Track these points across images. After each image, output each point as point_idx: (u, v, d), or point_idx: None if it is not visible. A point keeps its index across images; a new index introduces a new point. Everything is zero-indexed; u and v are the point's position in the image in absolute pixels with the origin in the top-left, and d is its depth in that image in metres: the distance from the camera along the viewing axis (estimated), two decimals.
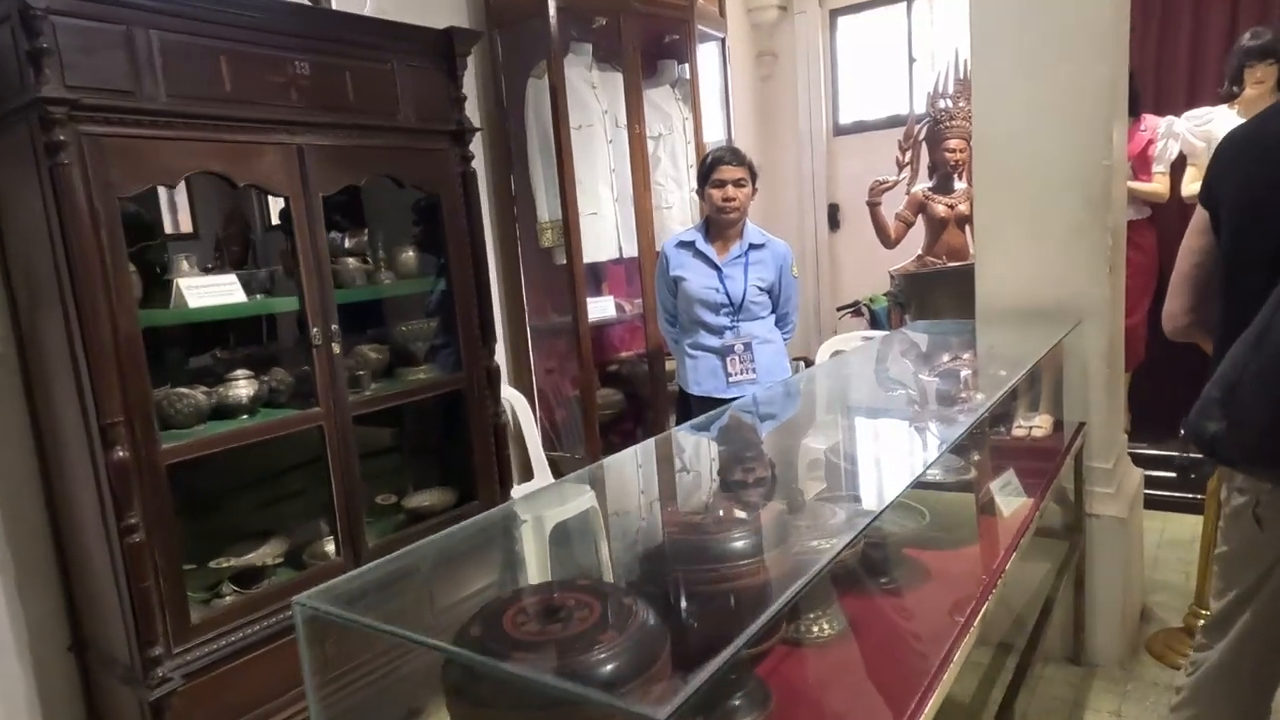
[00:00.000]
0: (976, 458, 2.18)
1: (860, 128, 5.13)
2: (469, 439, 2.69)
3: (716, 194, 2.66)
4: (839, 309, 4.94)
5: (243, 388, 2.18)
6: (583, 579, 0.97)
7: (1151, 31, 3.87)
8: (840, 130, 5.19)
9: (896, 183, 3.90)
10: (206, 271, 2.23)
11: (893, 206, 3.96)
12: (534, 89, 3.17)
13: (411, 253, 2.65)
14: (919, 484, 1.68)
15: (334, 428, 2.26)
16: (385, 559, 1.04)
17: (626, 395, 3.52)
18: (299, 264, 2.18)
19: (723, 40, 3.82)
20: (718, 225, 2.74)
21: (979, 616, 1.34)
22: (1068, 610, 2.49)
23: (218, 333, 2.42)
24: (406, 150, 2.45)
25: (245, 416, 2.17)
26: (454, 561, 1.27)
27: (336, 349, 2.25)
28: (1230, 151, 1.42)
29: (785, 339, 2.88)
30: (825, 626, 1.30)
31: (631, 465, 1.73)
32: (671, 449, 1.76)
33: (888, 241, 3.93)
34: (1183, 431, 1.32)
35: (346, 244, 2.54)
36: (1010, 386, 1.86)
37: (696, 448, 1.95)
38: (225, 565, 2.19)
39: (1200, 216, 1.47)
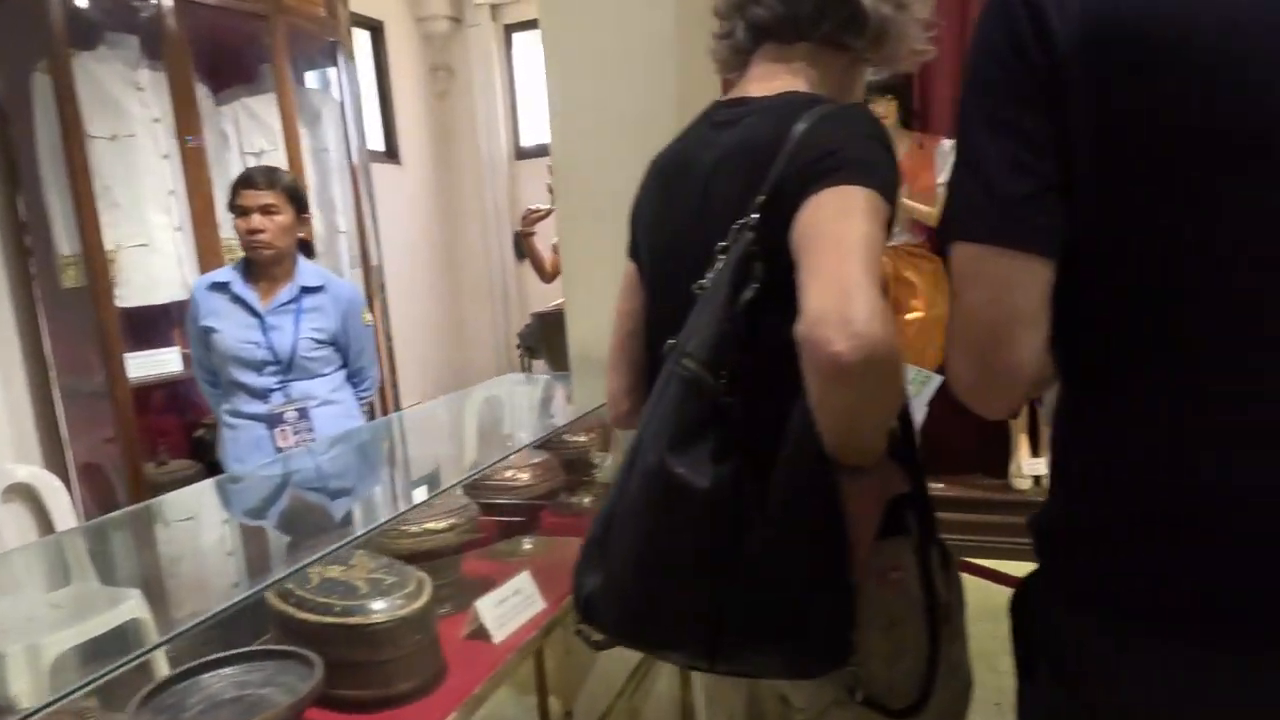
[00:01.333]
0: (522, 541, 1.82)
1: (543, 151, 4.81)
2: None
3: (240, 224, 2.13)
4: (519, 346, 4.58)
5: None
6: None
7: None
8: (523, 153, 4.86)
9: (550, 211, 3.57)
10: None
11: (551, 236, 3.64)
12: (40, 87, 2.49)
13: None
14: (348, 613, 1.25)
15: None
16: None
17: (209, 466, 2.88)
18: None
19: (335, 44, 3.31)
20: (258, 264, 2.21)
21: None
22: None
23: None
24: None
25: None
26: None
27: None
28: (645, 182, 1.09)
29: (363, 397, 2.40)
30: None
31: None
32: None
33: (544, 274, 3.60)
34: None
35: None
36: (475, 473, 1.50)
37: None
38: None
39: (628, 271, 1.14)
